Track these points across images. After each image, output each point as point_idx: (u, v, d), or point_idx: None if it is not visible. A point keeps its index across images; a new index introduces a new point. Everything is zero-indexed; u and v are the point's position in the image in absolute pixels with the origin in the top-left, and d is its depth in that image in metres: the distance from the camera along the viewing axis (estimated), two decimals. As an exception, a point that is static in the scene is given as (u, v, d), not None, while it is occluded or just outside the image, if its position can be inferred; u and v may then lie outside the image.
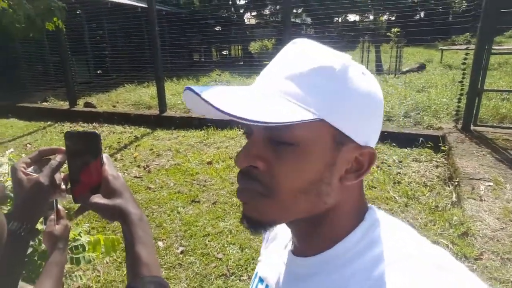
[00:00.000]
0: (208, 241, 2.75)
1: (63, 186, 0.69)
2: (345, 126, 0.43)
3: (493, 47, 4.53)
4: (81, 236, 1.41)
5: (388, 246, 0.45)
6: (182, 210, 3.20)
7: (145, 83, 8.73)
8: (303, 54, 0.45)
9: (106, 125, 6.08)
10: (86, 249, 1.39)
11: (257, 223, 0.48)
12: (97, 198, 0.64)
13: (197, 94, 0.39)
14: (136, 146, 4.96)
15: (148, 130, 5.71)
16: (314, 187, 0.45)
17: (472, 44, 4.49)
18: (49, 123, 6.39)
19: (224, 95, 0.41)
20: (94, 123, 6.14)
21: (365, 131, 0.45)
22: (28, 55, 8.44)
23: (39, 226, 0.76)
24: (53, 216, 0.78)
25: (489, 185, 2.91)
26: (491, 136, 4.06)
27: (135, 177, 3.94)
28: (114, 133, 5.66)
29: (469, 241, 2.36)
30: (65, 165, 0.68)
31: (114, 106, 7.07)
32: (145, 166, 4.20)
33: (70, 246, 1.34)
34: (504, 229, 2.37)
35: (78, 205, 0.69)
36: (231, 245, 2.68)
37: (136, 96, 7.43)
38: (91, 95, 8.11)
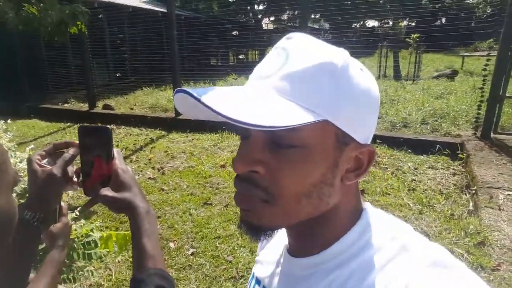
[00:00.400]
0: (219, 243, 2.76)
1: (75, 179, 0.72)
2: (348, 126, 0.42)
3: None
4: (93, 232, 1.44)
5: (386, 245, 0.44)
6: (194, 212, 3.23)
7: (162, 87, 8.88)
8: (301, 49, 0.43)
9: (123, 127, 6.22)
10: (98, 245, 1.43)
11: (257, 229, 0.46)
12: (106, 191, 0.66)
13: (196, 98, 0.37)
14: (152, 148, 5.05)
15: (163, 132, 5.80)
16: (316, 190, 0.44)
17: (494, 50, 4.38)
18: (68, 124, 6.58)
19: (224, 99, 0.39)
20: (112, 125, 6.28)
21: (365, 129, 0.45)
22: (52, 57, 8.74)
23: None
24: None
25: (509, 194, 2.81)
26: (512, 145, 3.94)
27: (149, 178, 4.01)
28: (130, 135, 5.77)
29: (486, 251, 2.29)
30: (78, 158, 0.71)
31: (131, 109, 7.22)
32: (160, 168, 4.27)
33: (82, 242, 1.37)
34: (524, 240, 2.29)
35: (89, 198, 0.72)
36: (241, 248, 2.68)
37: (153, 99, 7.57)
38: (110, 97, 8.31)
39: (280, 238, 0.60)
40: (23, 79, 8.24)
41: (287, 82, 0.41)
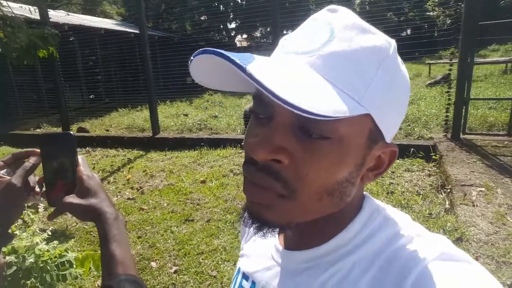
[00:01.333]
0: (202, 259, 2.70)
1: (37, 189, 0.67)
2: (383, 122, 0.38)
3: (476, 59, 4.66)
4: (67, 253, 1.38)
5: (390, 235, 0.43)
6: (175, 229, 3.16)
7: (138, 107, 8.79)
8: (347, 27, 0.38)
9: (99, 149, 6.07)
10: (74, 265, 1.37)
11: (267, 225, 0.41)
12: (71, 198, 0.63)
13: (238, 66, 0.31)
14: (129, 168, 4.94)
15: (141, 152, 5.70)
16: (340, 188, 0.40)
17: (456, 57, 4.62)
18: (42, 149, 6.36)
19: (268, 72, 0.32)
20: (88, 147, 6.12)
21: (395, 128, 0.42)
22: (21, 82, 8.51)
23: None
24: None
25: (481, 191, 2.92)
26: (480, 144, 4.11)
27: (128, 199, 3.91)
28: (107, 156, 5.64)
29: (463, 246, 2.35)
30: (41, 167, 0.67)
31: (107, 130, 7.08)
32: (138, 188, 4.17)
33: (56, 263, 1.31)
34: (498, 233, 2.36)
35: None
36: (225, 262, 2.64)
37: (129, 120, 7.47)
38: (85, 120, 8.13)
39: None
40: (-9, 106, 7.96)
41: (332, 63, 0.36)
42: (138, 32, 6.36)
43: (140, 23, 6.04)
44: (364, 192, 0.49)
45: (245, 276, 0.56)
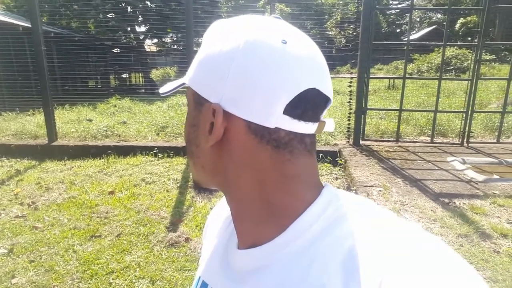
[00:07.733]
0: (113, 279, 2.43)
1: None
2: (195, 86, 0.44)
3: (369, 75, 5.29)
4: None
5: (351, 227, 0.39)
6: (79, 248, 2.79)
7: (29, 111, 7.68)
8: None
9: (-24, 159, 5.08)
10: None
11: (195, 184, 0.51)
12: None
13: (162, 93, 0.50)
14: (18, 181, 4.24)
15: (33, 162, 4.95)
16: (190, 146, 0.47)
17: (353, 73, 5.16)
18: None
19: (164, 86, 0.50)
20: (-41, 158, 5.07)
21: (211, 90, 0.41)
22: None
23: None
24: None
25: (380, 190, 3.27)
26: (376, 149, 4.64)
27: (17, 217, 3.33)
28: (-13, 168, 4.75)
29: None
30: None
31: (-13, 137, 5.99)
32: (30, 203, 3.59)
33: None
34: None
35: None
36: (140, 280, 2.41)
37: (17, 125, 6.45)
38: (-45, 125, 6.74)
39: (224, 232, 0.53)
40: None
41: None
42: (29, 25, 5.54)
43: (32, 14, 5.29)
44: (324, 182, 0.46)
45: (204, 284, 0.51)
